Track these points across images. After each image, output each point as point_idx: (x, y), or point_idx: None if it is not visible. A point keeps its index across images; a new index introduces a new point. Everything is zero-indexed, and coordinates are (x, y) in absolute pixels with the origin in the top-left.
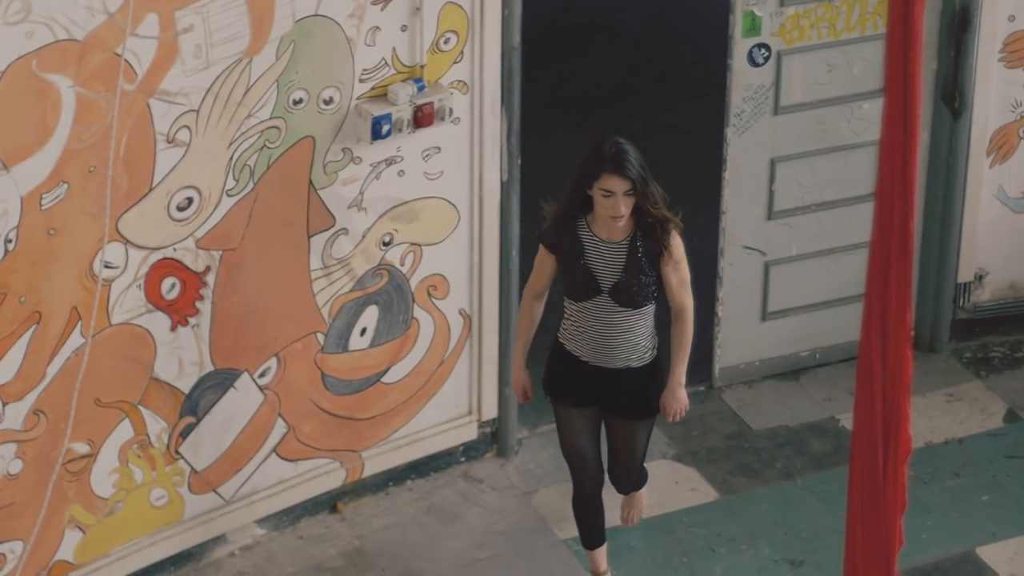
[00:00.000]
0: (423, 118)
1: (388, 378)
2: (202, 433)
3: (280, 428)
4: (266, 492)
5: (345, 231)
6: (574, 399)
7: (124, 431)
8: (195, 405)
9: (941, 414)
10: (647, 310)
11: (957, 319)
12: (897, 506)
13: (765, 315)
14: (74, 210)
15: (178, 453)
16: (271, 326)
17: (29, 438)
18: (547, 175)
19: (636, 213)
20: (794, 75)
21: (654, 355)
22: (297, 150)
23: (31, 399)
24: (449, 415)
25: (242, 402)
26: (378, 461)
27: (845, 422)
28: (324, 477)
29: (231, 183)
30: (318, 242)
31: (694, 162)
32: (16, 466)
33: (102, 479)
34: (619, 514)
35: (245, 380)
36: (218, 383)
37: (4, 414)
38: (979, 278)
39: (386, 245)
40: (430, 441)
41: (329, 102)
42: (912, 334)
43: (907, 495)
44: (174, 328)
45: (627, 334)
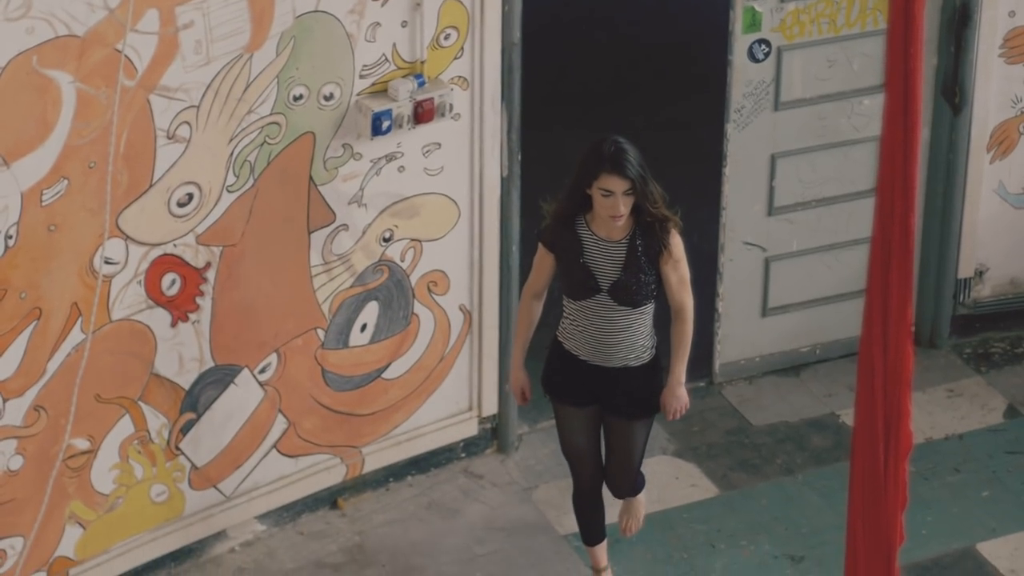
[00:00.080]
0: (423, 114)
1: (388, 374)
2: (202, 429)
3: (280, 424)
4: (266, 488)
5: (345, 227)
6: (573, 398)
7: (124, 427)
8: (195, 401)
9: (941, 410)
10: (646, 309)
11: (957, 315)
12: (898, 502)
13: (765, 311)
14: (74, 206)
15: (178, 449)
16: (271, 322)
17: (29, 434)
18: (547, 171)
19: (635, 212)
20: (794, 71)
21: (653, 354)
22: (297, 146)
23: (31, 395)
24: (449, 411)
25: (242, 398)
26: (378, 457)
27: (845, 418)
28: (324, 473)
29: (231, 179)
30: (318, 238)
31: (694, 158)
32: (16, 462)
33: (102, 475)
34: (618, 524)
35: (245, 376)
36: (218, 379)
37: (4, 410)
38: (979, 274)
39: (386, 241)
40: (430, 437)
41: (329, 98)
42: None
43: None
44: (174, 324)
45: (626, 333)
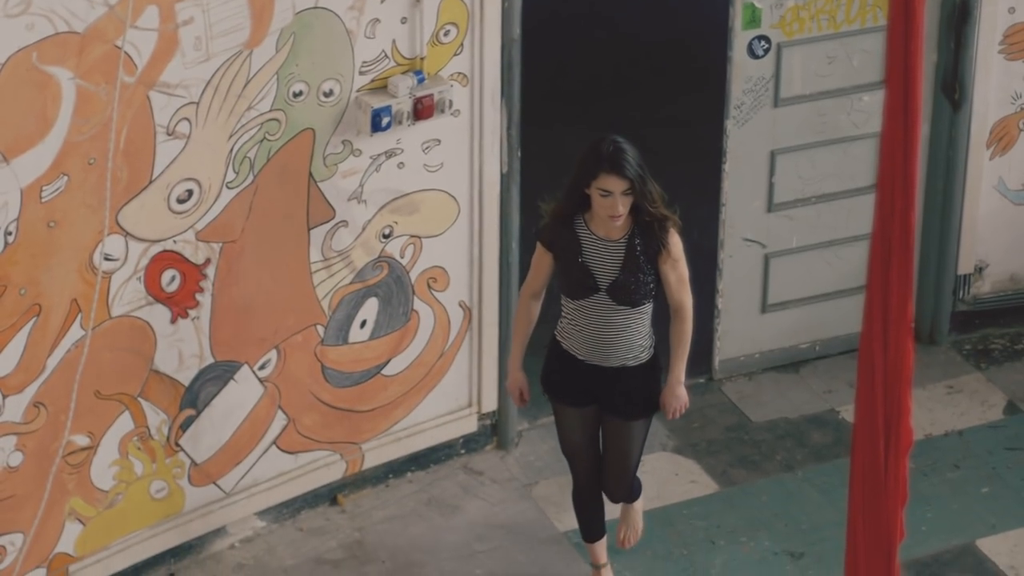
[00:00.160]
0: (423, 110)
1: (388, 370)
2: (202, 425)
3: (280, 420)
4: (266, 484)
5: (345, 223)
6: (571, 398)
7: (124, 423)
8: (195, 397)
9: (941, 406)
10: (645, 309)
11: (957, 311)
12: (898, 498)
13: (765, 307)
14: (74, 202)
15: (178, 445)
16: (271, 318)
17: (29, 430)
18: (547, 167)
19: (634, 211)
20: (794, 67)
21: (651, 354)
22: (297, 142)
23: (31, 391)
24: (449, 407)
25: (242, 394)
26: (378, 453)
27: (845, 414)
28: (324, 469)
29: (231, 175)
30: (318, 234)
31: (694, 154)
32: (16, 458)
33: (102, 471)
34: (616, 536)
35: (245, 372)
36: (218, 375)
37: (4, 406)
38: (979, 270)
39: (386, 237)
40: (430, 433)
41: (329, 94)
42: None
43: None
44: (174, 320)
45: (624, 332)
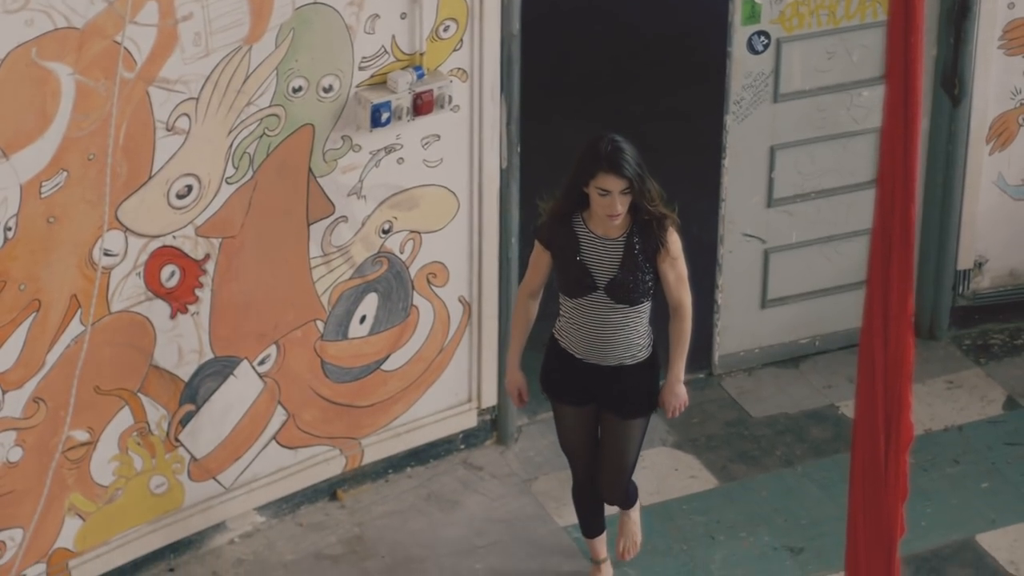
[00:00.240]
0: (422, 106)
1: (388, 366)
2: (202, 421)
3: (280, 416)
4: (266, 479)
5: (344, 219)
6: (569, 397)
7: (124, 419)
8: (195, 393)
9: (941, 401)
10: (643, 308)
11: (957, 306)
12: (898, 494)
13: (765, 303)
14: (73, 198)
15: (178, 441)
16: (271, 314)
17: (29, 426)
18: (547, 162)
19: (633, 210)
20: (794, 62)
21: (650, 353)
22: (296, 138)
23: (31, 387)
24: (449, 402)
25: (242, 390)
26: (378, 448)
27: (845, 409)
28: (324, 464)
29: (230, 171)
30: (317, 230)
31: (693, 149)
32: (16, 454)
33: (102, 467)
34: (616, 548)
35: (245, 368)
36: (218, 371)
37: (4, 402)
38: (979, 265)
39: (386, 233)
40: (430, 428)
41: (328, 90)
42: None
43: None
44: (174, 316)
45: (622, 331)
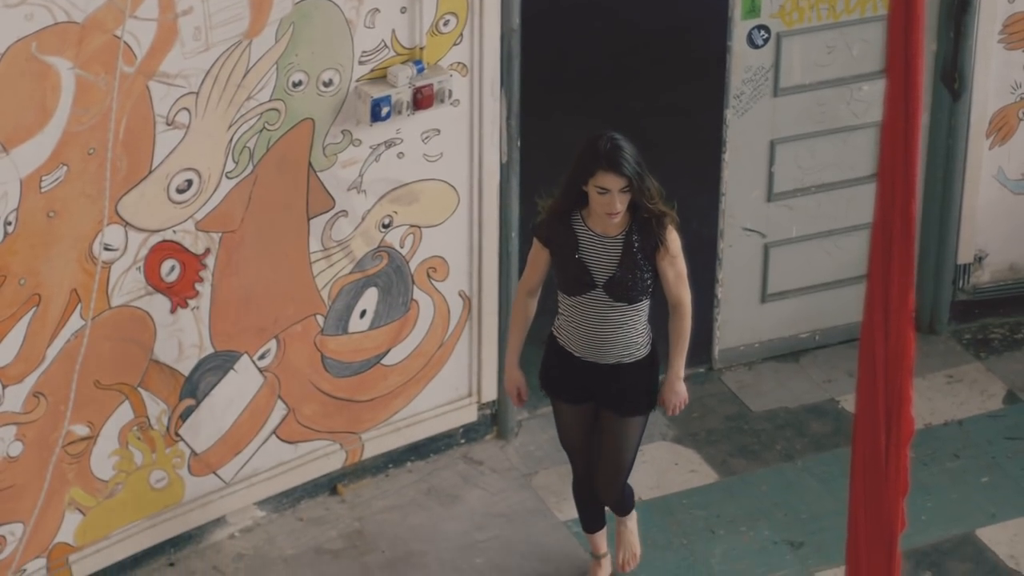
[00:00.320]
0: (422, 100)
1: (388, 360)
2: (202, 415)
3: (280, 410)
4: (266, 474)
5: (345, 213)
6: (568, 395)
7: (124, 413)
8: (195, 387)
9: (941, 396)
10: (642, 306)
11: (957, 300)
12: (899, 488)
13: (765, 297)
14: (74, 192)
15: (178, 435)
16: (271, 308)
17: (29, 420)
18: (547, 157)
19: (632, 208)
20: (794, 57)
21: (648, 351)
22: (297, 132)
23: (31, 381)
24: (449, 397)
25: (242, 384)
26: (378, 443)
27: (845, 404)
28: (324, 459)
29: (231, 165)
30: (318, 224)
31: (694, 144)
32: (16, 448)
33: (102, 461)
34: (616, 560)
35: (245, 362)
36: (218, 365)
37: (4, 396)
38: (979, 260)
39: (386, 227)
40: (430, 423)
41: (329, 84)
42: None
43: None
44: (174, 310)
45: (621, 330)
